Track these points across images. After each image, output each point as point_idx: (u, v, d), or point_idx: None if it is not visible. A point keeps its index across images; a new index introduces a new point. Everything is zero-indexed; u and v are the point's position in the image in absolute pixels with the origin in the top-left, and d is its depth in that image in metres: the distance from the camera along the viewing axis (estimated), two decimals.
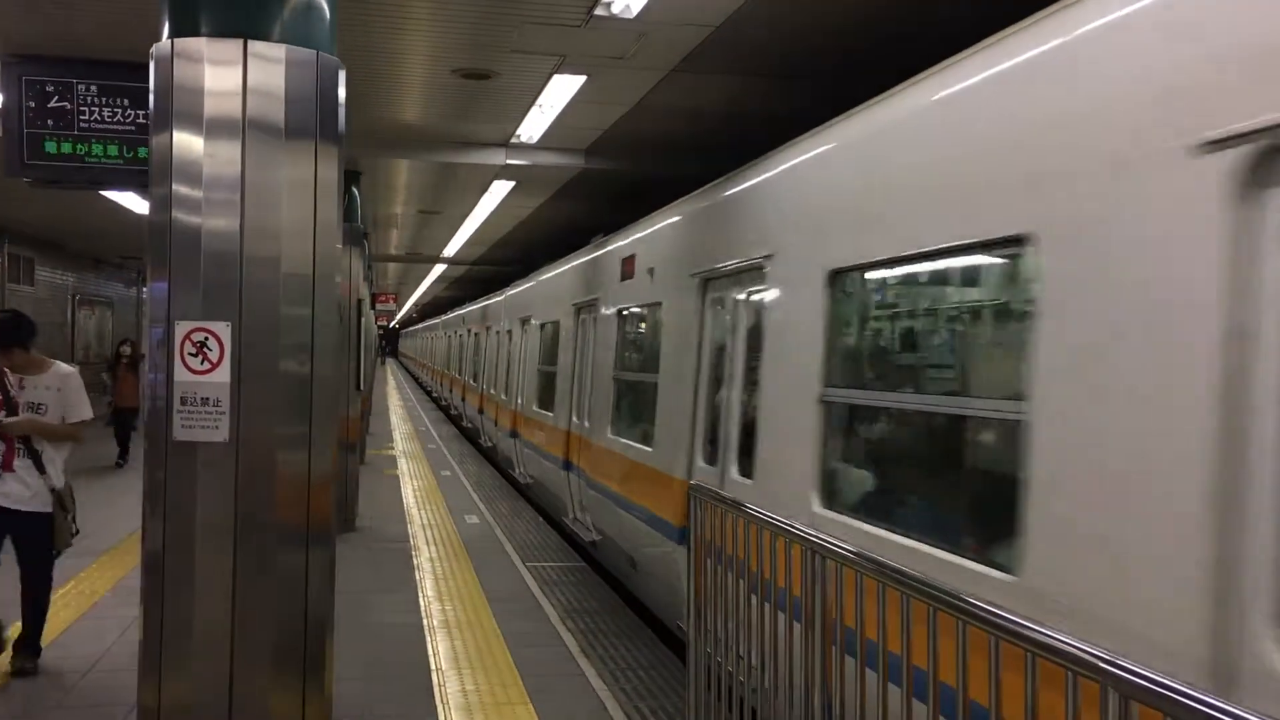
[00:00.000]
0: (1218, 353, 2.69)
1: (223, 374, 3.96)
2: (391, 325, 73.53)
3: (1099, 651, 2.22)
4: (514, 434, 15.15)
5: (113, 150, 7.25)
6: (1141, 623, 2.84)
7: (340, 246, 4.33)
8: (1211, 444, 2.68)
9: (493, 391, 17.81)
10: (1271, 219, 2.65)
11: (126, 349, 16.15)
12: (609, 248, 10.27)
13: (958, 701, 2.74)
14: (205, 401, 3.95)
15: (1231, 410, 2.66)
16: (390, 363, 71.49)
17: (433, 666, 6.33)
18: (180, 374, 3.95)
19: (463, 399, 23.76)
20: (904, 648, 3.03)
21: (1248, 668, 2.57)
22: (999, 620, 2.57)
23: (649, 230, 8.92)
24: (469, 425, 22.39)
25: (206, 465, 3.98)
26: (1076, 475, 3.16)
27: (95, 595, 7.68)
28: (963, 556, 3.72)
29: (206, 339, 3.94)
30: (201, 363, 3.94)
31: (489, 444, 18.09)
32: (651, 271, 8.46)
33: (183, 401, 3.96)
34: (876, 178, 4.70)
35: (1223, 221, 2.69)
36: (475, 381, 20.78)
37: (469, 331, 23.56)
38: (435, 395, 35.05)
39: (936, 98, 4.26)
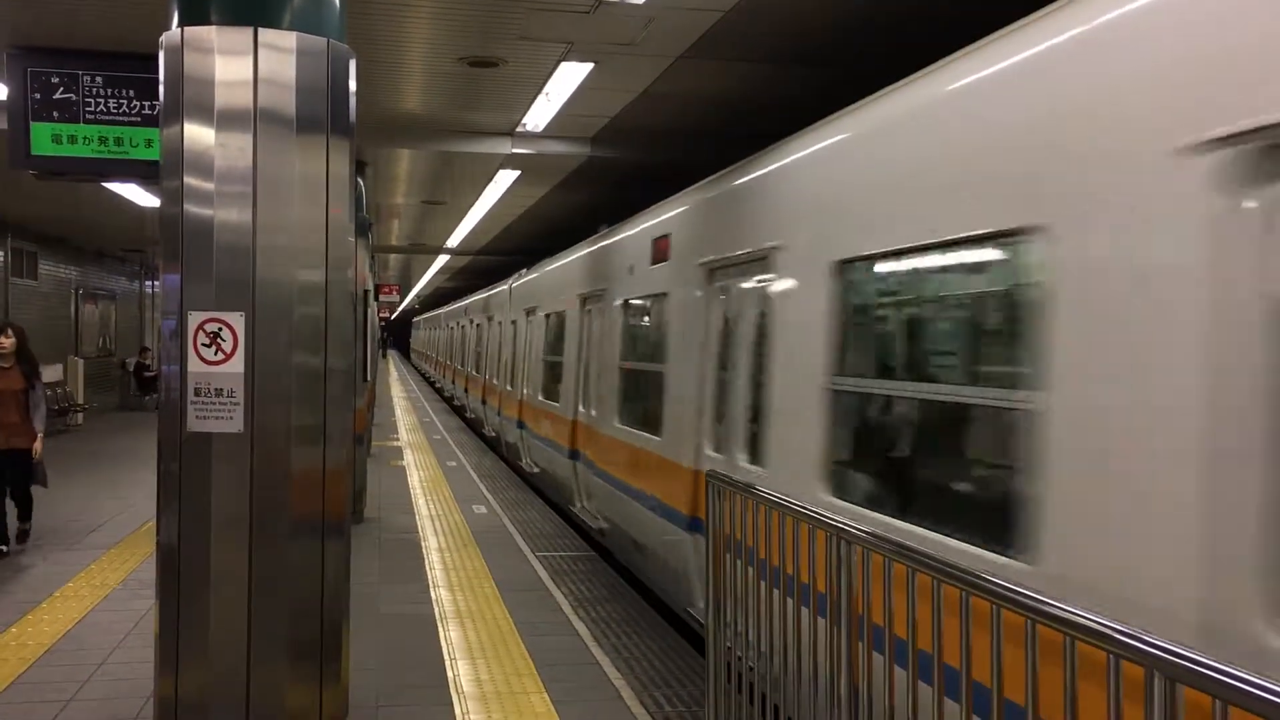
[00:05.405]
0: None
1: (236, 364, 3.95)
2: (394, 317, 73.09)
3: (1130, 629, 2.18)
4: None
5: (119, 141, 7.22)
6: None
7: (353, 239, 4.32)
8: None
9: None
10: None
11: (7, 339, 8.58)
12: None
13: (992, 697, 2.70)
14: (219, 392, 3.94)
15: None
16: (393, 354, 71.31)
17: (446, 656, 6.32)
18: (194, 365, 3.94)
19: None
20: (935, 639, 2.98)
21: None
22: (1033, 603, 2.52)
23: None
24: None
25: (221, 457, 3.97)
26: None
27: (107, 588, 7.67)
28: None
29: (220, 329, 3.93)
30: (215, 353, 3.93)
31: None
32: None
33: (196, 392, 3.95)
34: None
35: None
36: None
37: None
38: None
39: None
